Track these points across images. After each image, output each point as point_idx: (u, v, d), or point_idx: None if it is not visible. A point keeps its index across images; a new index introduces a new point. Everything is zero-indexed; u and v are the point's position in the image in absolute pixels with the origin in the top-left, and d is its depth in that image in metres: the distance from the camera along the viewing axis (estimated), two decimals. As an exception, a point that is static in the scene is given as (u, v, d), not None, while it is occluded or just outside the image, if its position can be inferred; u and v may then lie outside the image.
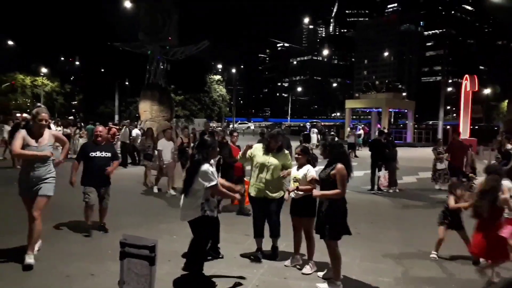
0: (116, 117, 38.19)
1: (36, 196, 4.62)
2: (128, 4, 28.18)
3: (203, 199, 4.07)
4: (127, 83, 52.03)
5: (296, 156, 4.82)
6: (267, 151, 5.04)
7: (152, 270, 3.19)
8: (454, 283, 4.57)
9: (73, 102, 53.17)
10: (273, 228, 5.03)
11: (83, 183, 5.83)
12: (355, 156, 18.42)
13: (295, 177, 4.74)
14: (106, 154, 5.88)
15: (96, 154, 5.82)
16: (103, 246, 5.30)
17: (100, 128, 6.15)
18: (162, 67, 31.79)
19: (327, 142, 4.54)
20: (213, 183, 4.07)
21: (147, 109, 28.65)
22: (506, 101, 49.86)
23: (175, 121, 35.03)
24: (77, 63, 60.24)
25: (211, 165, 4.19)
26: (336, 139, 5.19)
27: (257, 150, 5.13)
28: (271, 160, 4.96)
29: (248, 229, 5.66)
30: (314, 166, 4.82)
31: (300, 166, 4.79)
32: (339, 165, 4.25)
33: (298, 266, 4.81)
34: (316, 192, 4.40)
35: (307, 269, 4.67)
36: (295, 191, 4.68)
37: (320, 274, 4.60)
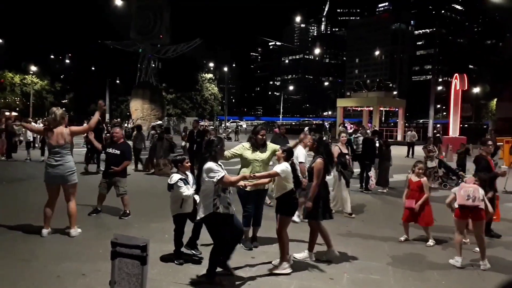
0: (107, 116, 37.92)
1: None
2: (119, 2, 27.95)
3: (214, 195, 4.09)
4: (118, 81, 51.66)
5: (278, 154, 4.82)
6: (255, 148, 5.39)
7: (143, 270, 3.18)
8: (445, 280, 4.63)
9: (64, 101, 52.61)
10: (259, 217, 5.48)
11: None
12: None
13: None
14: (115, 151, 6.91)
15: (109, 150, 6.99)
16: (94, 246, 5.26)
17: (117, 129, 7.30)
18: (153, 65, 31.68)
19: (317, 139, 5.32)
20: (220, 175, 4.07)
21: (138, 108, 28.56)
22: (495, 100, 50.62)
23: (166, 119, 34.88)
24: (68, 61, 59.66)
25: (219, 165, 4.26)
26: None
27: (244, 148, 5.40)
28: (261, 155, 5.35)
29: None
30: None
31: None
32: (318, 160, 4.99)
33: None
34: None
35: (275, 267, 4.65)
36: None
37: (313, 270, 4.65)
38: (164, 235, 5.75)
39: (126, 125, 24.76)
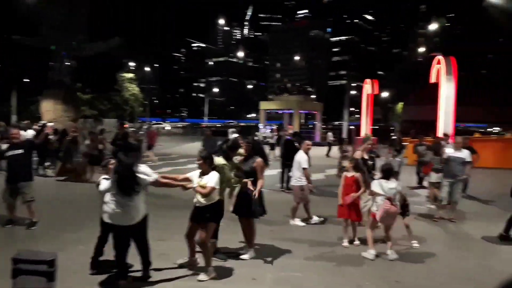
0: (14, 118, 34.54)
1: None
2: (28, -6, 25.58)
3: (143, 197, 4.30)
4: (27, 80, 47.53)
5: (198, 162, 4.57)
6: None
7: (51, 287, 2.94)
8: (358, 272, 4.93)
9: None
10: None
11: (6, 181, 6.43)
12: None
13: (200, 185, 4.49)
14: (18, 151, 6.36)
15: (10, 153, 6.36)
16: (-4, 262, 4.73)
17: (15, 130, 6.87)
18: (67, 64, 29.52)
19: (251, 141, 5.52)
20: (155, 176, 4.27)
21: (50, 109, 26.36)
22: (401, 103, 55.46)
23: (82, 121, 32.75)
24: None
25: None
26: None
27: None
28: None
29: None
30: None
31: (204, 174, 4.55)
32: (259, 159, 5.26)
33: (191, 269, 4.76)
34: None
35: (202, 276, 4.52)
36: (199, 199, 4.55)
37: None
38: (78, 247, 5.38)
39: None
